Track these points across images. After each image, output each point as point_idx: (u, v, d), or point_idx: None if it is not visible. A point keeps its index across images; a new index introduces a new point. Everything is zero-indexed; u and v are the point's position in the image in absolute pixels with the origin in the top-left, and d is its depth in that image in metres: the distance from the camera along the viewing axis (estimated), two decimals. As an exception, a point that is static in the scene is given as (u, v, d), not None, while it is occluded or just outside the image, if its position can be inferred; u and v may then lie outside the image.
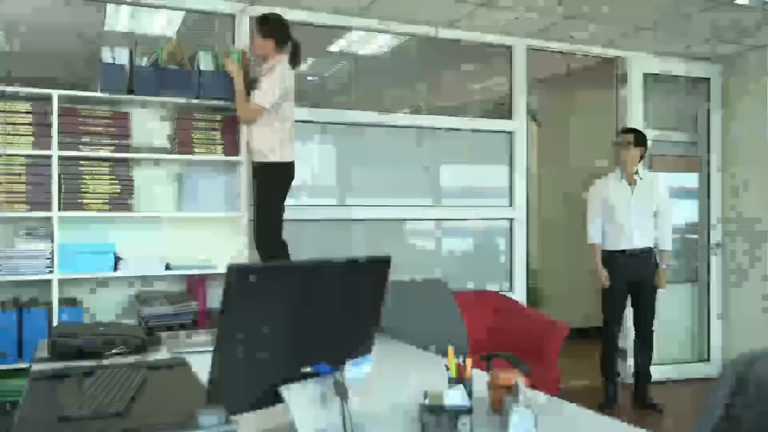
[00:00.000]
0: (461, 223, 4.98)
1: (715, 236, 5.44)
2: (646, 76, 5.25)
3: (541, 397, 1.81)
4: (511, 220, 4.98)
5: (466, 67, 5.29)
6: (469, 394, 1.56)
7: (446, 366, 1.67)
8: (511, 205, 4.97)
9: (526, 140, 5.06)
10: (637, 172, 4.46)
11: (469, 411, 1.49)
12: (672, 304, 5.33)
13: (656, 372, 5.11)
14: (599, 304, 4.57)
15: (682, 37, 4.84)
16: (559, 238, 6.75)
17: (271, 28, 3.54)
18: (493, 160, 5.02)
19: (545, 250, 6.66)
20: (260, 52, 3.57)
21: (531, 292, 5.30)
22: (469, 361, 1.65)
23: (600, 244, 4.48)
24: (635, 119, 5.18)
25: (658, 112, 5.44)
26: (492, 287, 4.91)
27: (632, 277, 4.41)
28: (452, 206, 4.91)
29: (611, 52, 5.20)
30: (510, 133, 4.96)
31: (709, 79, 5.46)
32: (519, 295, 4.90)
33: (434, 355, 2.32)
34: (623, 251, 4.42)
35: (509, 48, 4.92)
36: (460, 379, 1.62)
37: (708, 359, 5.42)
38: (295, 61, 3.60)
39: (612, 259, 4.44)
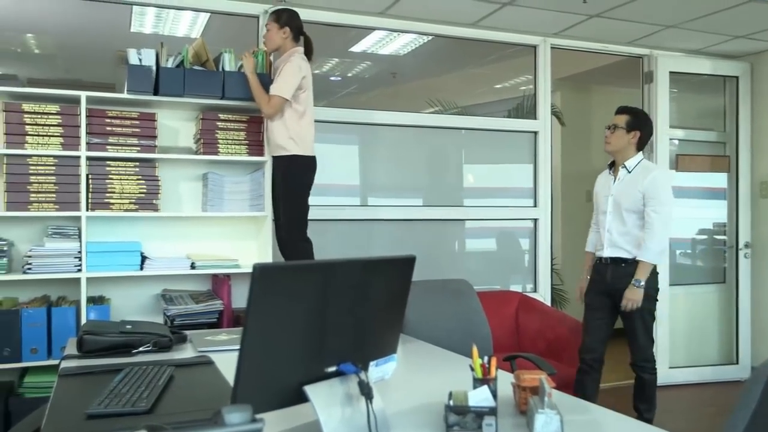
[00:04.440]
0: (485, 223, 4.96)
1: (744, 237, 5.36)
2: (672, 74, 5.19)
3: (566, 398, 1.80)
4: (535, 220, 4.95)
5: (490, 66, 5.26)
6: (494, 394, 1.56)
7: (471, 366, 1.66)
8: (535, 205, 4.95)
9: (551, 140, 5.03)
10: (624, 165, 3.63)
11: (493, 412, 1.48)
12: (699, 307, 5.27)
13: (683, 375, 5.07)
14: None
15: (709, 34, 4.77)
16: (582, 238, 6.67)
17: (288, 17, 3.56)
18: (517, 159, 5.00)
19: (569, 251, 6.61)
20: (275, 45, 3.58)
21: (555, 292, 5.27)
22: (494, 362, 1.64)
23: (591, 252, 3.89)
24: (662, 118, 5.12)
25: (685, 111, 5.37)
26: (516, 288, 4.89)
27: (610, 289, 3.63)
28: (476, 206, 4.89)
29: (637, 51, 5.15)
30: (534, 132, 4.93)
31: (737, 77, 5.38)
32: (543, 295, 4.87)
33: (458, 355, 2.31)
34: (600, 258, 3.72)
35: (534, 47, 4.90)
36: (484, 379, 1.61)
37: (737, 362, 5.33)
38: (308, 55, 3.61)
39: (594, 266, 3.79)
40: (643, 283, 3.50)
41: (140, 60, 3.53)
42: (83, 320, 3.36)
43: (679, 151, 5.27)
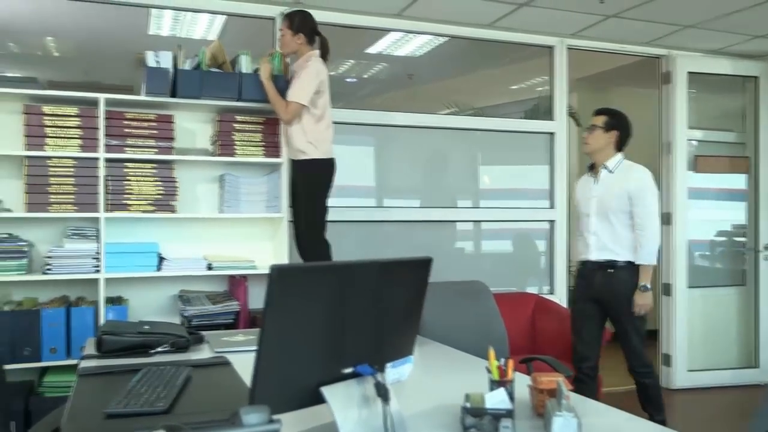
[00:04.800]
0: (501, 225, 4.94)
1: (764, 239, 5.30)
2: (690, 74, 5.15)
3: (584, 401, 1.79)
4: (551, 221, 4.92)
5: (506, 67, 5.25)
6: (511, 396, 1.55)
7: (487, 368, 1.66)
8: (551, 207, 4.92)
9: (567, 141, 5.00)
10: (605, 166, 3.57)
11: (510, 414, 1.48)
12: (718, 309, 5.21)
13: (702, 378, 5.02)
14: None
15: (728, 34, 4.72)
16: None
17: (300, 22, 3.55)
18: (533, 161, 4.98)
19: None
20: (290, 49, 3.58)
21: (571, 294, 5.24)
22: (510, 364, 1.63)
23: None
24: (680, 119, 5.08)
25: (704, 112, 5.32)
26: (532, 289, 4.87)
27: (595, 294, 3.56)
28: (492, 208, 4.88)
29: (655, 51, 5.11)
30: (551, 133, 4.91)
31: (757, 77, 5.32)
32: (560, 297, 4.85)
33: (475, 357, 2.31)
34: (584, 262, 3.64)
35: (550, 48, 4.88)
36: (501, 381, 1.61)
37: (757, 365, 5.27)
38: (324, 56, 3.61)
39: (579, 272, 3.71)
40: (649, 286, 3.44)
41: (158, 62, 3.55)
42: (101, 320, 3.39)
43: (697, 152, 5.22)
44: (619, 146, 3.59)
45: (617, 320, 3.54)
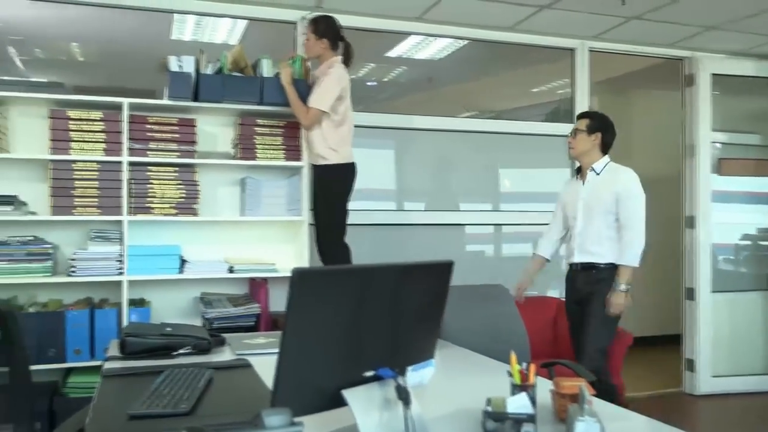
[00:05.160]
0: (522, 228, 4.92)
1: (790, 242, 5.22)
2: (714, 76, 5.09)
3: (606, 406, 1.77)
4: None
5: (526, 70, 5.23)
6: (533, 401, 1.54)
7: (509, 372, 1.65)
8: (572, 210, 4.88)
9: (588, 144, 4.96)
10: (592, 168, 3.53)
11: (532, 419, 1.47)
12: (743, 314, 5.14)
13: (727, 384, 4.96)
14: (663, 311, 4.44)
15: (753, 35, 4.67)
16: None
17: (325, 27, 3.57)
18: (554, 164, 4.95)
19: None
20: (314, 53, 3.60)
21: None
22: (532, 368, 1.63)
23: (538, 256, 3.76)
24: (703, 121, 5.02)
25: (728, 114, 5.26)
26: (552, 293, 4.83)
27: (578, 296, 3.53)
28: (512, 211, 4.85)
29: (678, 53, 5.06)
30: (572, 136, 4.87)
31: (782, 78, 5.25)
32: (581, 301, 4.80)
33: (496, 361, 2.30)
34: (571, 265, 3.60)
35: (571, 50, 4.85)
36: (523, 385, 1.60)
37: (781, 371, 5.20)
38: (347, 61, 3.63)
39: (567, 275, 3.67)
40: (624, 287, 3.36)
41: (180, 67, 3.59)
42: (124, 322, 3.43)
43: (721, 155, 5.16)
44: (605, 148, 3.57)
45: (586, 320, 3.41)
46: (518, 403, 1.50)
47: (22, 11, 3.89)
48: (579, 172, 3.64)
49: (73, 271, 3.42)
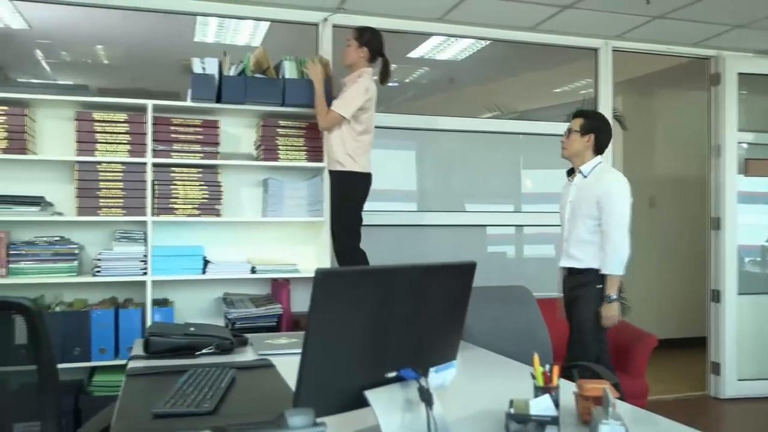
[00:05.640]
0: (544, 229, 4.89)
1: (818, 244, 5.13)
2: (741, 75, 5.02)
3: (630, 409, 1.75)
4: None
5: (549, 70, 5.20)
6: (556, 403, 1.53)
7: (532, 374, 1.64)
8: (595, 211, 4.84)
9: (612, 144, 4.92)
10: (580, 170, 3.39)
11: (555, 421, 1.46)
12: (764, 317, 5.06)
13: (753, 388, 4.88)
14: (687, 313, 4.37)
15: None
16: (645, 244, 6.53)
17: (369, 38, 3.59)
18: (577, 164, 4.91)
19: (630, 257, 6.46)
20: (350, 60, 3.61)
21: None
22: (555, 370, 1.62)
23: (561, 268, 3.52)
24: (730, 121, 4.96)
25: (754, 113, 5.18)
26: (575, 295, 4.79)
27: (567, 300, 3.43)
28: (534, 212, 4.82)
29: (703, 52, 5.00)
30: (595, 137, 4.83)
31: (811, 77, 5.16)
32: (604, 303, 4.76)
33: (518, 363, 2.28)
34: (561, 269, 3.49)
35: (594, 50, 4.81)
36: (546, 388, 1.59)
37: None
38: (384, 77, 3.64)
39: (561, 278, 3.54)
40: (614, 297, 3.23)
41: (204, 69, 3.62)
42: (148, 322, 3.46)
43: (748, 156, 5.09)
44: (598, 150, 3.41)
45: (571, 329, 3.33)
46: (541, 406, 1.49)
47: (48, 16, 3.95)
48: (571, 173, 3.53)
49: (98, 271, 3.46)
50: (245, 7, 4.01)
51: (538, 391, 1.59)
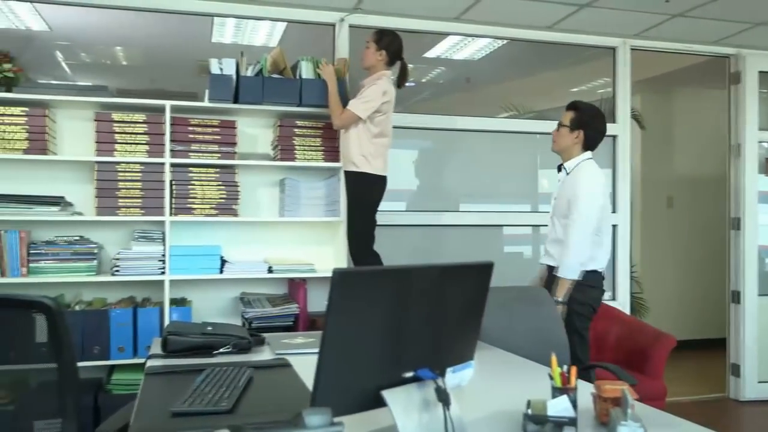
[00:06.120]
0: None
1: (842, 245, 5.05)
2: (762, 73, 4.96)
3: (649, 410, 1.74)
4: (614, 226, 4.81)
5: (566, 69, 5.17)
6: (574, 404, 1.52)
7: (549, 375, 1.63)
8: (614, 211, 4.81)
9: (630, 144, 4.89)
10: (564, 167, 3.33)
11: (574, 422, 1.45)
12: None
13: (765, 391, 4.84)
14: (707, 314, 4.32)
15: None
16: (663, 245, 6.48)
17: (388, 42, 3.59)
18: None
19: (648, 258, 6.41)
20: (369, 63, 3.61)
21: (634, 300, 5.11)
22: (573, 371, 1.61)
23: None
24: (750, 120, 4.90)
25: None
26: (593, 295, 4.75)
27: None
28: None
29: (723, 50, 4.94)
30: (613, 136, 4.80)
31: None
32: (622, 303, 4.73)
33: (536, 364, 2.27)
34: (541, 265, 3.42)
35: (612, 49, 4.78)
36: (564, 388, 1.58)
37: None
38: (401, 81, 3.65)
39: None
40: (560, 299, 3.11)
41: (221, 69, 3.64)
42: (166, 321, 3.48)
43: (769, 156, 5.03)
44: (588, 146, 3.30)
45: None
46: (559, 406, 1.48)
47: (68, 18, 3.99)
48: (560, 169, 3.43)
49: (117, 271, 3.49)
50: (262, 7, 4.03)
51: (556, 391, 1.58)
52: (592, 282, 3.18)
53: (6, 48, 3.51)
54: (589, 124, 3.28)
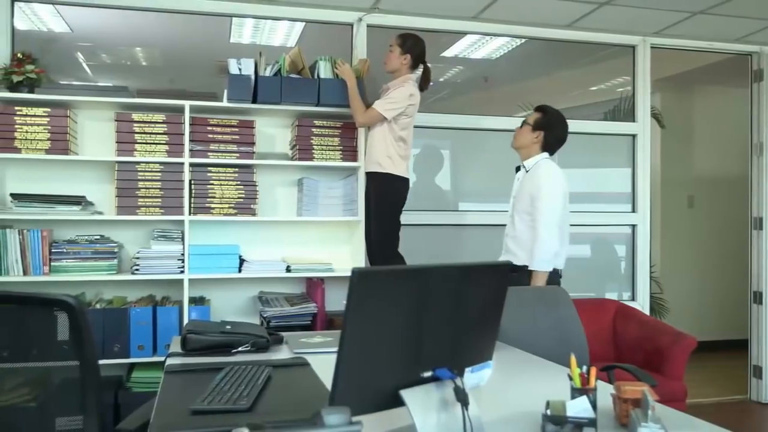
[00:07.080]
0: (580, 229, 4.82)
1: None
2: (784, 72, 4.90)
3: (670, 412, 1.72)
4: (633, 226, 4.77)
5: (585, 68, 5.13)
6: (593, 405, 1.51)
7: (569, 376, 1.62)
8: (633, 211, 4.77)
9: (650, 143, 4.84)
10: (524, 165, 3.46)
11: (593, 423, 1.44)
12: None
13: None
14: (728, 315, 4.28)
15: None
16: (683, 245, 6.42)
17: (411, 45, 3.60)
18: (614, 163, 4.84)
19: (668, 258, 6.35)
20: (393, 66, 3.63)
21: (654, 301, 5.07)
22: (593, 371, 1.59)
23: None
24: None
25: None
26: (611, 296, 4.73)
27: None
28: (571, 212, 4.75)
29: (745, 48, 4.88)
30: (633, 135, 4.77)
31: None
32: (642, 304, 4.69)
33: (554, 364, 2.26)
34: None
35: (632, 47, 4.74)
36: (584, 389, 1.57)
37: None
38: (424, 84, 3.66)
39: None
40: None
41: (240, 69, 3.66)
42: (185, 319, 3.51)
43: (791, 154, 4.96)
44: (546, 148, 3.43)
45: None
46: (578, 407, 1.47)
47: (89, 19, 4.03)
48: (519, 169, 3.53)
49: (137, 270, 3.52)
50: (280, 8, 4.04)
51: (576, 392, 1.57)
52: (549, 280, 3.29)
53: (29, 50, 3.56)
54: (551, 128, 3.42)
